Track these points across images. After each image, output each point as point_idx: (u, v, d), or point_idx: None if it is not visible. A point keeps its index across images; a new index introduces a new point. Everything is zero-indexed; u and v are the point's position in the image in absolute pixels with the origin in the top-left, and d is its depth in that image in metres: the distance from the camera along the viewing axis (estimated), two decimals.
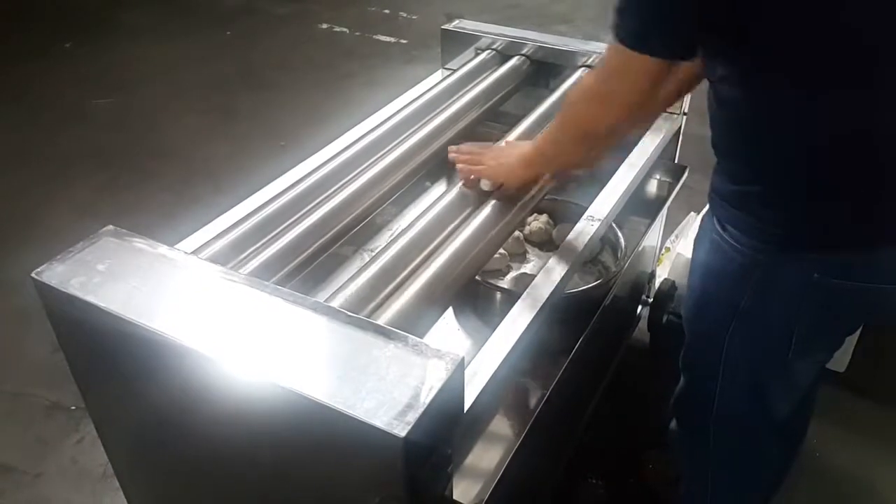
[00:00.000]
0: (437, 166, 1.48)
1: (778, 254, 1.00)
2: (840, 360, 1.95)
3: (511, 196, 1.23)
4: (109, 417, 1.06)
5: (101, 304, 0.84)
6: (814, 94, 0.89)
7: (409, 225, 1.16)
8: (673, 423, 1.36)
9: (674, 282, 1.93)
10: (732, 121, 0.99)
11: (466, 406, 0.85)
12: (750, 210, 1.01)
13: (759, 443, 1.24)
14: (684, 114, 1.57)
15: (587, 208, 1.27)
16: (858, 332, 1.90)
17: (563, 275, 1.11)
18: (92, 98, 3.50)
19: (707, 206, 1.12)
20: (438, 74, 1.79)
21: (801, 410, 1.27)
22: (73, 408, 1.92)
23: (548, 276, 1.11)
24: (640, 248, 1.59)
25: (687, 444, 1.36)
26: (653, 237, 1.80)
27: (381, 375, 0.74)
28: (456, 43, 1.80)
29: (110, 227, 0.96)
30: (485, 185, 1.24)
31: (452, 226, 1.19)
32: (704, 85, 1.04)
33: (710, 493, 1.33)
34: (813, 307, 1.02)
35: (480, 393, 0.91)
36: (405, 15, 4.46)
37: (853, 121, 0.90)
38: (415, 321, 1.00)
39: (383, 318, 0.98)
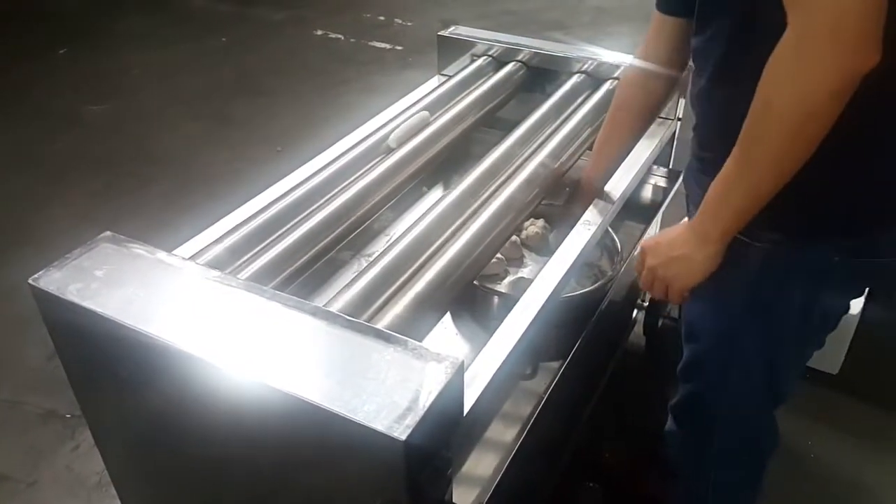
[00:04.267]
0: (434, 172, 1.49)
1: (798, 242, 0.99)
2: (833, 362, 1.96)
3: (511, 199, 1.24)
4: (106, 424, 1.06)
5: (100, 309, 0.84)
6: None
7: (406, 230, 1.17)
8: (670, 425, 1.37)
9: None
10: (739, 111, 0.89)
11: (466, 409, 0.85)
12: (770, 205, 0.92)
13: (759, 430, 1.26)
14: (678, 119, 1.58)
15: (583, 213, 1.28)
16: (850, 336, 1.93)
17: (559, 279, 1.11)
18: (87, 104, 3.50)
19: (691, 211, 1.11)
20: (435, 80, 1.80)
21: None
22: (69, 416, 1.91)
23: (545, 280, 1.11)
24: (635, 253, 1.60)
25: (690, 447, 1.35)
26: None
27: (380, 379, 0.74)
28: (452, 49, 1.81)
29: (108, 233, 0.96)
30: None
31: (450, 231, 1.19)
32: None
33: (713, 488, 1.33)
34: (830, 288, 1.03)
35: (479, 396, 0.91)
36: (400, 21, 4.47)
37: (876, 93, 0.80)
38: (413, 325, 1.00)
39: (382, 323, 0.98)
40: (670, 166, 1.71)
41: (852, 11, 0.74)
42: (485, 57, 1.76)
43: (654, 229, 1.79)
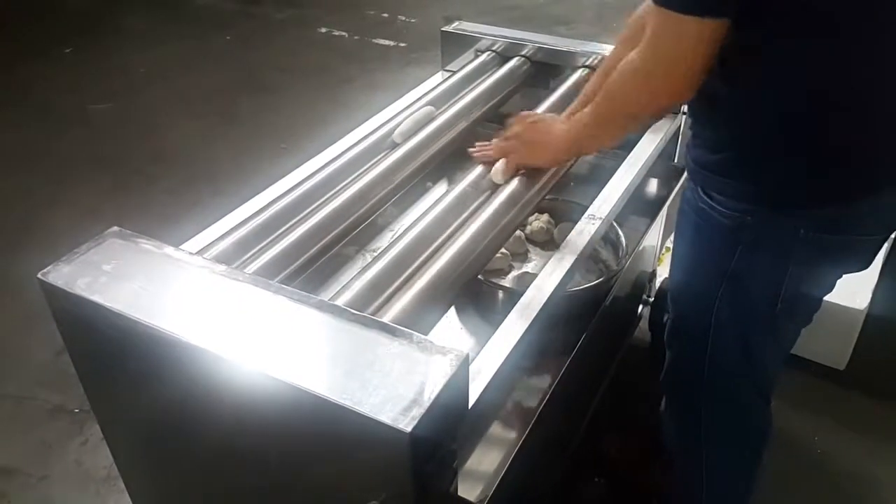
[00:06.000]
0: (438, 167, 1.49)
1: (766, 214, 1.03)
2: (839, 358, 1.96)
3: (515, 194, 1.25)
4: (115, 418, 1.06)
5: (108, 304, 0.84)
6: (799, 47, 0.91)
7: (410, 225, 1.17)
8: (663, 405, 1.37)
9: None
10: (710, 88, 1.00)
11: (471, 403, 0.85)
12: (734, 175, 1.04)
13: (747, 410, 1.27)
14: (684, 113, 1.58)
15: (588, 207, 1.28)
16: (857, 331, 1.92)
17: (564, 273, 1.12)
18: (92, 102, 3.51)
19: (687, 181, 1.15)
20: (439, 76, 1.80)
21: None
22: (77, 410, 1.92)
23: (549, 274, 1.12)
24: (640, 248, 1.60)
25: (678, 422, 1.37)
26: (653, 237, 1.80)
27: (386, 372, 0.74)
28: (456, 45, 1.81)
29: (115, 228, 0.97)
30: (497, 177, 1.26)
31: (454, 226, 1.19)
32: None
33: (706, 469, 1.34)
34: (799, 262, 1.05)
35: (484, 390, 0.91)
36: (403, 18, 4.47)
37: (836, 73, 0.92)
38: (418, 320, 1.01)
39: (387, 317, 0.98)
40: (675, 161, 1.70)
41: (681, 63, 0.93)
42: (488, 52, 1.76)
43: (659, 224, 1.79)
